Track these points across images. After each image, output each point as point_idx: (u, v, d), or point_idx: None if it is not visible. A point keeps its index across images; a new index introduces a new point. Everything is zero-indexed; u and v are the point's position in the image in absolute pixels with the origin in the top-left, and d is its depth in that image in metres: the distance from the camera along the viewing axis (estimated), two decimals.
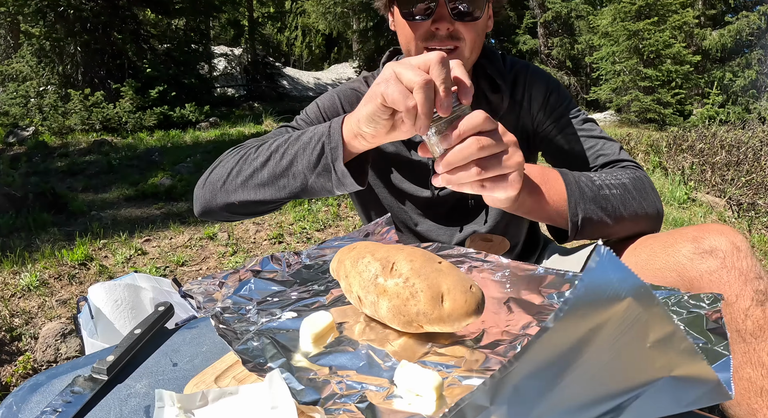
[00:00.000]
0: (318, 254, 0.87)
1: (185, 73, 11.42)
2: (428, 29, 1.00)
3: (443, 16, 0.98)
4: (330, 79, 19.11)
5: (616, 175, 0.94)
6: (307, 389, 0.54)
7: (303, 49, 25.52)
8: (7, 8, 9.47)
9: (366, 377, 0.56)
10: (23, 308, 2.60)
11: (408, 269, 0.60)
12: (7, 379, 2.01)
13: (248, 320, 0.68)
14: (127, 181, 5.41)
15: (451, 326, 0.59)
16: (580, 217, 0.85)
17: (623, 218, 0.89)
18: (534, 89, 1.15)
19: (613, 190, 0.89)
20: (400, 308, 0.59)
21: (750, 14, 11.44)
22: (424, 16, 1.00)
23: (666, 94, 10.43)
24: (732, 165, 5.04)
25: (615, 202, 0.88)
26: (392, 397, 0.53)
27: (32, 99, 9.44)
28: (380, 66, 1.14)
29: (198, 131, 9.26)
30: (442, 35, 0.99)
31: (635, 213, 0.90)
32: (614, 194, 0.89)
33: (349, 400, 0.52)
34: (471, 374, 0.55)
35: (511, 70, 1.16)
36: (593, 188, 0.88)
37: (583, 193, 0.86)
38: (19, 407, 0.64)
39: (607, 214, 0.87)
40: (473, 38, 1.01)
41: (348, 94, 1.15)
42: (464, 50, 1.02)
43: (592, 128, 1.12)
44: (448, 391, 0.53)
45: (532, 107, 1.15)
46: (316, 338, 0.61)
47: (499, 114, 1.13)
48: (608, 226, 0.88)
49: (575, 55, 14.69)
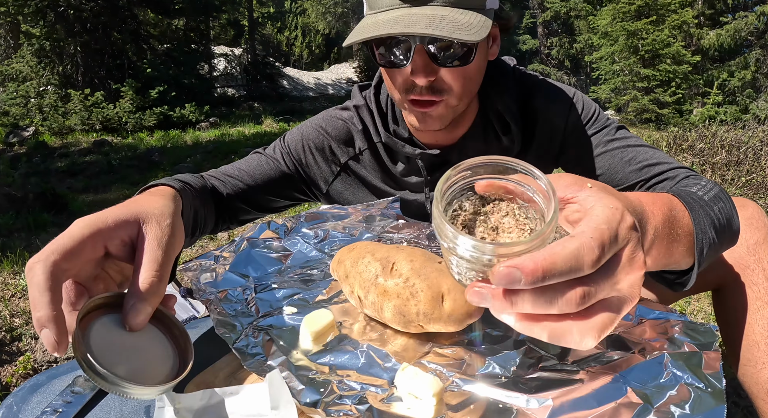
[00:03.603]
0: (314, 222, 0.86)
1: (185, 73, 11.43)
2: (408, 78, 0.84)
3: (419, 66, 0.81)
4: (330, 79, 19.11)
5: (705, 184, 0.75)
6: (307, 389, 0.54)
7: (303, 49, 25.52)
8: (7, 8, 9.47)
9: (366, 378, 0.56)
10: (23, 308, 2.60)
11: (408, 269, 0.60)
12: (7, 379, 2.01)
13: (248, 312, 0.68)
14: (127, 182, 5.41)
15: (451, 326, 0.58)
16: (705, 252, 0.63)
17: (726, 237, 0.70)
18: (549, 113, 1.00)
19: (719, 203, 0.70)
20: (400, 308, 0.59)
21: (749, 14, 11.44)
22: (400, 63, 0.83)
23: (664, 95, 10.43)
24: (732, 165, 5.04)
25: (723, 220, 0.69)
26: (392, 399, 0.53)
27: (32, 99, 9.45)
28: (374, 79, 1.06)
29: (198, 131, 9.26)
30: (421, 87, 0.83)
31: (737, 228, 0.73)
32: (721, 209, 0.70)
33: (349, 401, 0.52)
34: (471, 379, 0.54)
35: (520, 94, 1.00)
36: (707, 209, 0.67)
37: (705, 222, 0.65)
38: (20, 407, 0.64)
39: (718, 236, 0.67)
40: (461, 86, 0.85)
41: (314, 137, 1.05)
42: (450, 101, 0.86)
43: (626, 136, 0.97)
44: (447, 396, 0.52)
45: (550, 134, 1.01)
46: (316, 336, 0.61)
47: (512, 155, 0.96)
48: (717, 251, 0.68)
49: (575, 55, 14.70)
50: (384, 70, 0.90)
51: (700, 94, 11.42)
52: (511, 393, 0.52)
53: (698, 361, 0.53)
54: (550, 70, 14.61)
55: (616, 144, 0.96)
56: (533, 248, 0.37)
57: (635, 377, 0.52)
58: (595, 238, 0.38)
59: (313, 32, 24.45)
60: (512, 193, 0.44)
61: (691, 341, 0.56)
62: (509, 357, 0.57)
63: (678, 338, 0.57)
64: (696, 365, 0.53)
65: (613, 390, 0.51)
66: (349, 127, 1.06)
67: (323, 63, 24.36)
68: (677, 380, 0.51)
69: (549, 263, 0.36)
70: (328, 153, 1.06)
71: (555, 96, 1.01)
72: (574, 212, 0.43)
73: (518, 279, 0.35)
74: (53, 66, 9.99)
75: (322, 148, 1.05)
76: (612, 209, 0.41)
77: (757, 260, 0.79)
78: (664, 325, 0.59)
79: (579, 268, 0.37)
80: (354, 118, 1.06)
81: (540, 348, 0.58)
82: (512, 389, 0.52)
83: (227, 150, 6.96)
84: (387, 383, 0.55)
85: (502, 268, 0.36)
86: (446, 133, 0.99)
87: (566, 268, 0.36)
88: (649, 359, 0.54)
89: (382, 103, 1.05)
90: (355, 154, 1.07)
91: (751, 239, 0.79)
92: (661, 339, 0.57)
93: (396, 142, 1.01)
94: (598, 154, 0.97)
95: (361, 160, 1.07)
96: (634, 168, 0.93)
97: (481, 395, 0.52)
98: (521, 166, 0.42)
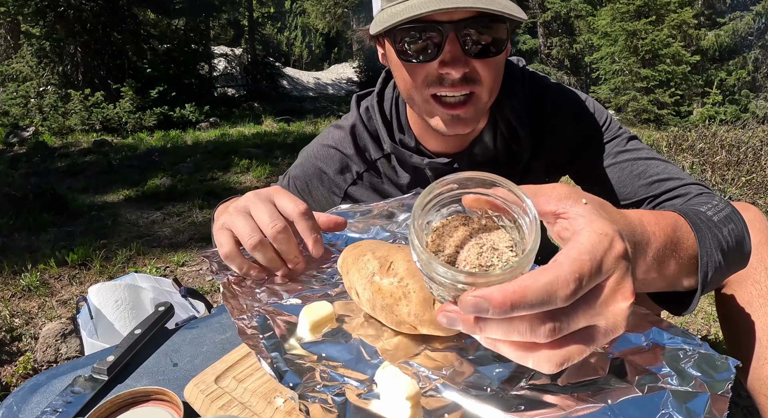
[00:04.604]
0: None
1: (185, 73, 11.43)
2: (435, 73, 0.78)
3: (456, 56, 0.75)
4: (330, 79, 19.11)
5: (717, 204, 0.72)
6: (290, 372, 0.54)
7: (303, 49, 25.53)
8: (7, 8, 9.47)
9: (350, 372, 0.56)
10: (23, 308, 2.60)
11: (404, 269, 0.60)
12: (7, 379, 2.01)
13: (256, 298, 0.68)
14: (127, 182, 5.41)
15: (440, 330, 0.58)
16: (709, 276, 0.61)
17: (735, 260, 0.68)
18: (559, 119, 0.96)
19: (730, 225, 0.68)
20: (392, 308, 0.59)
21: (746, 15, 11.45)
22: (427, 56, 0.77)
23: (663, 95, 10.43)
24: (732, 165, 5.04)
25: (732, 242, 0.67)
26: (370, 395, 0.52)
27: (32, 99, 9.45)
28: (377, 86, 1.03)
29: (198, 131, 9.26)
30: (453, 80, 0.78)
31: (747, 251, 0.71)
32: (731, 231, 0.67)
33: (328, 391, 0.52)
34: (454, 387, 0.53)
35: (529, 97, 0.97)
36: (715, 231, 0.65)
37: (712, 244, 0.63)
38: (20, 407, 0.64)
39: (725, 259, 0.64)
40: (493, 78, 0.80)
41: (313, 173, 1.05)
42: (481, 95, 0.81)
43: (638, 148, 0.93)
44: (426, 400, 0.51)
45: (559, 141, 0.97)
46: (313, 325, 0.61)
47: (521, 162, 0.97)
48: (723, 275, 0.66)
49: (574, 55, 14.70)
50: (401, 68, 0.82)
51: (699, 94, 11.43)
52: (490, 408, 0.50)
53: (701, 407, 0.46)
54: (550, 70, 14.60)
55: (626, 156, 0.92)
56: (506, 280, 0.36)
57: (626, 411, 0.48)
58: (574, 270, 0.36)
59: (313, 32, 24.47)
60: (498, 211, 0.42)
61: (703, 377, 0.50)
62: (499, 369, 0.55)
63: (689, 371, 0.51)
64: (696, 412, 0.46)
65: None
66: (341, 154, 1.03)
67: (323, 63, 24.37)
68: None
69: (518, 296, 0.35)
70: (329, 184, 1.06)
71: (566, 102, 0.97)
72: (564, 229, 0.42)
73: (485, 309, 0.35)
74: (53, 66, 9.99)
75: (323, 181, 1.06)
76: (600, 236, 0.39)
77: (759, 259, 0.79)
78: (677, 353, 0.53)
79: (550, 302, 0.35)
80: (345, 141, 1.03)
81: None
82: (492, 404, 0.50)
83: (227, 150, 6.96)
84: (369, 379, 0.54)
85: (470, 297, 0.35)
86: (456, 138, 0.95)
87: (537, 301, 0.35)
88: (647, 394, 0.49)
89: (386, 111, 1.01)
90: (354, 179, 1.05)
91: (754, 239, 0.79)
92: (670, 371, 0.51)
93: (403, 153, 0.97)
94: (607, 166, 0.93)
95: (360, 184, 1.05)
96: (644, 182, 0.90)
97: (459, 405, 0.51)
98: (509, 187, 0.40)
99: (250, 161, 6.11)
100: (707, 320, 2.32)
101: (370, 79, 2.64)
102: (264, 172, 5.68)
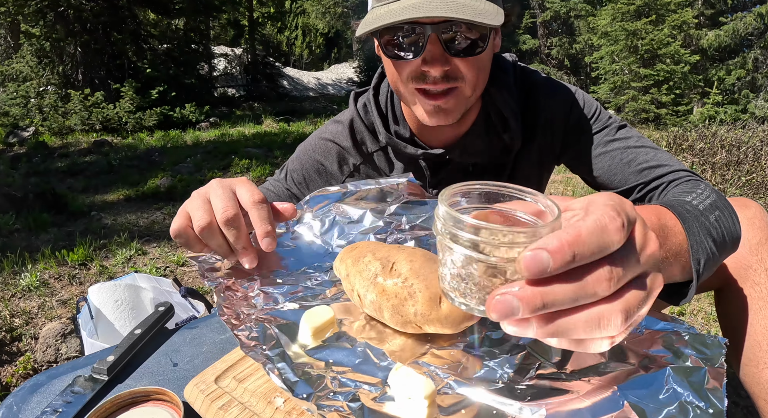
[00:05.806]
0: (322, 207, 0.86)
1: (185, 73, 11.42)
2: (418, 69, 0.83)
3: (435, 56, 0.80)
4: (330, 79, 19.10)
5: (702, 192, 0.75)
6: (301, 382, 0.54)
7: (303, 49, 25.52)
8: (7, 8, 9.47)
9: (361, 376, 0.56)
10: (23, 308, 2.60)
11: (407, 269, 0.60)
12: (7, 379, 2.01)
13: (251, 304, 0.68)
14: (127, 182, 5.41)
15: (448, 328, 0.58)
16: (702, 262, 0.63)
17: (726, 247, 0.69)
18: (550, 110, 1.00)
19: (716, 212, 0.70)
20: (398, 308, 0.59)
21: (747, 15, 11.45)
22: (411, 53, 0.82)
23: (662, 95, 10.43)
24: (732, 165, 5.04)
25: (720, 229, 0.68)
26: (384, 398, 0.52)
27: (32, 99, 9.45)
28: (373, 81, 1.06)
29: (198, 131, 9.26)
30: (435, 77, 0.83)
31: (737, 237, 0.72)
32: (718, 218, 0.69)
33: (342, 397, 0.52)
34: (466, 382, 0.54)
35: (521, 91, 1.01)
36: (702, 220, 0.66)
37: (700, 232, 0.65)
38: (20, 407, 0.64)
39: (716, 246, 0.66)
40: (475, 75, 0.85)
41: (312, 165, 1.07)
42: (464, 90, 0.86)
43: (627, 136, 0.96)
44: (440, 398, 0.52)
45: (551, 131, 1.01)
46: (315, 331, 0.61)
47: (513, 152, 1.01)
48: (717, 262, 0.68)
49: (574, 55, 14.70)
50: (389, 63, 0.88)
51: (699, 94, 11.42)
52: (504, 400, 0.51)
53: (701, 377, 0.51)
54: (550, 70, 14.59)
55: (616, 145, 0.95)
56: None
57: (634, 391, 0.51)
58: (611, 209, 0.35)
59: (313, 32, 24.45)
60: (509, 222, 0.41)
61: (697, 354, 0.54)
62: (507, 362, 0.56)
63: (683, 351, 0.55)
64: (698, 381, 0.51)
65: (609, 403, 0.50)
66: (339, 147, 1.06)
67: (323, 63, 24.36)
68: (677, 397, 0.49)
69: (575, 239, 0.32)
70: (327, 177, 1.08)
71: (556, 93, 1.00)
72: (573, 216, 0.41)
73: (546, 263, 0.31)
74: (53, 66, 9.99)
75: (321, 173, 1.07)
76: (610, 195, 0.39)
77: (759, 260, 0.78)
78: (670, 336, 0.58)
79: (605, 240, 0.33)
80: (342, 134, 1.06)
81: (539, 355, 0.57)
82: (507, 395, 0.51)
83: (227, 150, 6.96)
84: (381, 382, 0.54)
85: (527, 252, 0.32)
86: (449, 130, 0.99)
87: (594, 241, 0.33)
88: (650, 373, 0.53)
89: (382, 104, 1.05)
90: (351, 172, 1.07)
91: (754, 238, 0.78)
92: (666, 352, 0.56)
93: (397, 143, 1.00)
94: (597, 155, 0.97)
95: (357, 176, 1.07)
96: (634, 170, 0.92)
97: (474, 400, 0.52)
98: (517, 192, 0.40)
99: (250, 161, 6.11)
100: (707, 320, 2.32)
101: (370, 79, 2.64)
102: (264, 172, 5.68)
